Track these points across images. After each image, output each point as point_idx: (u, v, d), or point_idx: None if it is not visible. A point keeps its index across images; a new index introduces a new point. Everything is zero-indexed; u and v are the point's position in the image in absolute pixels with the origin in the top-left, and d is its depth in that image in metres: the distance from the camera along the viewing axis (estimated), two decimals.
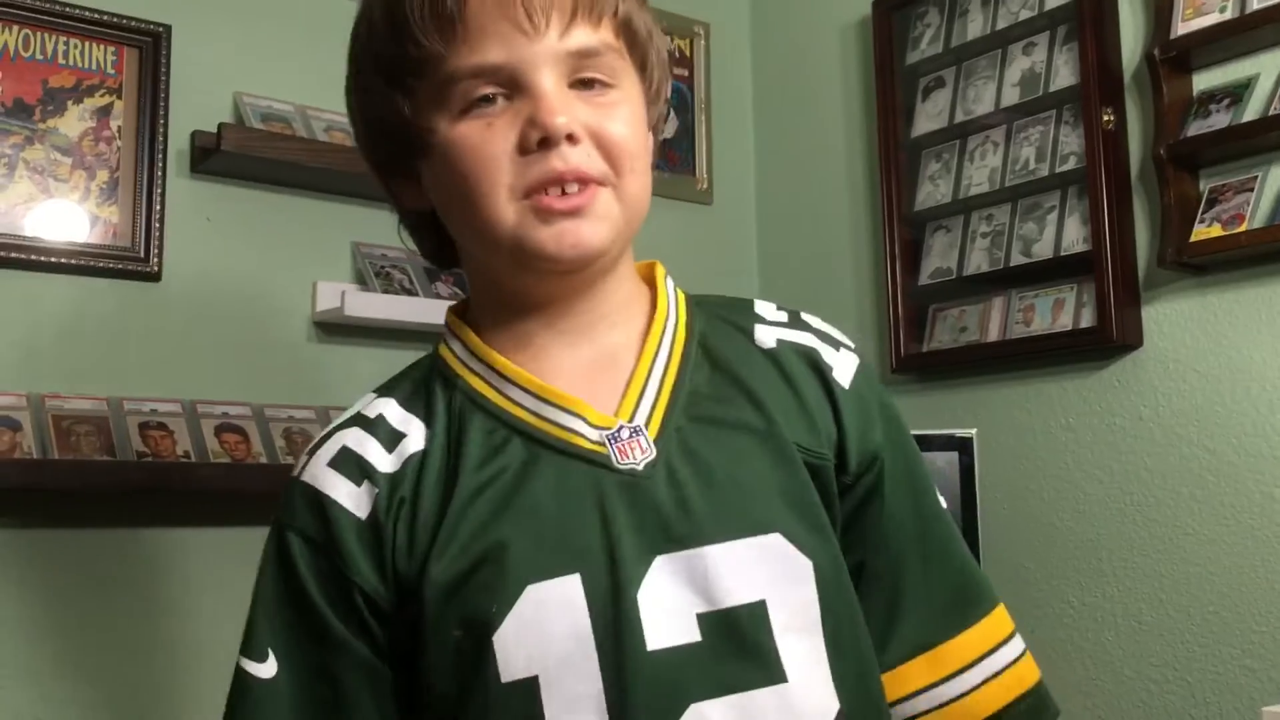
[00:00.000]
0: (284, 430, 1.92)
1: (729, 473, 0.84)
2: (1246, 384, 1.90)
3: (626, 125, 0.85)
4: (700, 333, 0.92)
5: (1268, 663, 1.82)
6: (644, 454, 0.84)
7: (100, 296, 1.85)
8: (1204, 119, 1.94)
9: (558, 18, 0.82)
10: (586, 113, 0.82)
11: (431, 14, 0.81)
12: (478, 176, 0.82)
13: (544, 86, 0.81)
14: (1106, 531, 2.06)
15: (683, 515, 0.82)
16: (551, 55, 0.82)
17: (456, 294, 2.12)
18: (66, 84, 1.87)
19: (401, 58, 0.84)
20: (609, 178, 0.83)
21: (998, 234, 2.24)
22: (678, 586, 0.80)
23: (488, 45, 0.81)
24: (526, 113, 0.81)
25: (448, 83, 0.82)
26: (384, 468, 0.85)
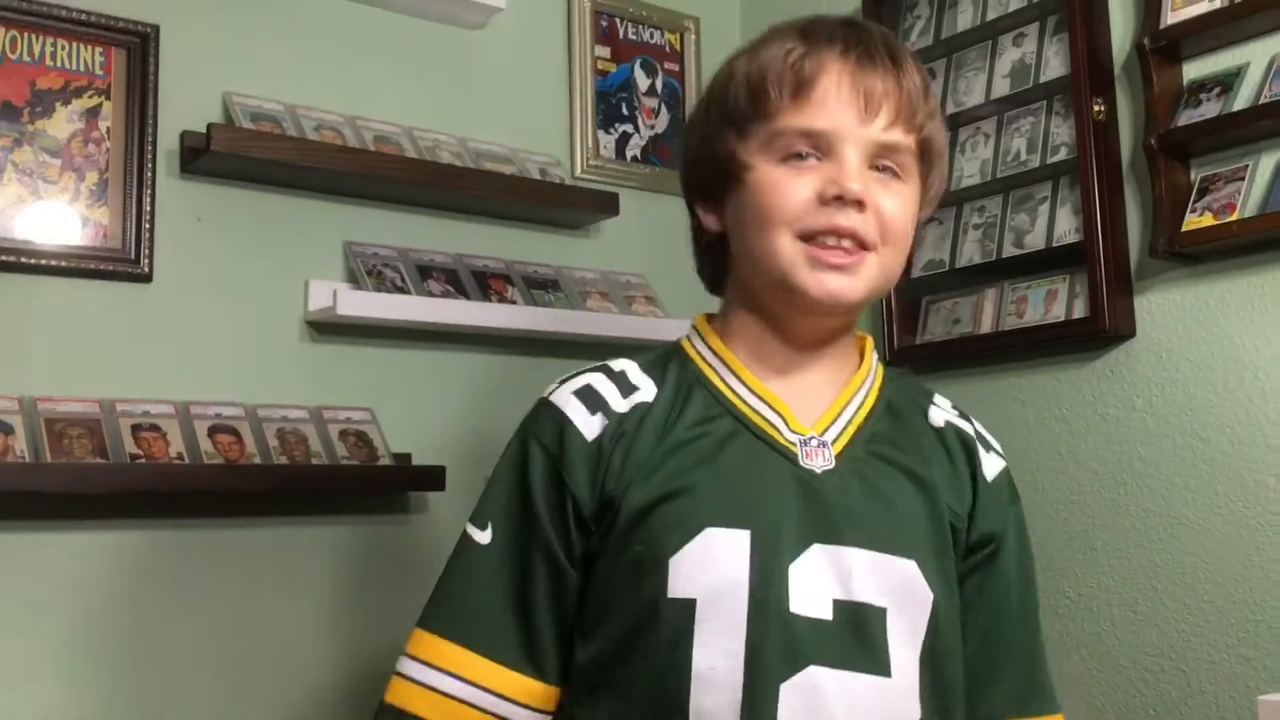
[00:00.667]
0: (278, 430, 1.92)
1: (890, 500, 1.03)
2: (1239, 373, 1.91)
3: (902, 209, 1.04)
4: (889, 395, 1.12)
5: (1264, 651, 1.82)
6: (825, 462, 1.03)
7: (91, 298, 1.84)
8: (1194, 108, 1.94)
9: (885, 114, 1.02)
10: (875, 190, 1.01)
11: (790, 78, 1.02)
12: (776, 208, 1.01)
13: (851, 157, 1.01)
14: (1101, 522, 2.06)
15: (843, 518, 1.00)
16: (866, 139, 1.02)
17: (448, 291, 2.11)
18: (54, 85, 1.86)
19: (750, 106, 1.04)
20: (877, 246, 1.02)
21: (989, 225, 2.24)
22: (824, 572, 0.98)
23: (823, 115, 1.01)
24: (831, 173, 1.00)
25: (779, 134, 1.02)
26: (616, 407, 1.05)
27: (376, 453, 1.99)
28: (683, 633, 0.96)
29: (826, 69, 1.01)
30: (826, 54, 1.02)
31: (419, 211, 2.19)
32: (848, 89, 1.01)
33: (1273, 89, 1.86)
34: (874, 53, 1.02)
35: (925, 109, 1.05)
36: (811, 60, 1.01)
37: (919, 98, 1.04)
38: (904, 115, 1.02)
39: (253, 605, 1.91)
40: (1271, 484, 1.86)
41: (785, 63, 1.02)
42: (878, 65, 1.02)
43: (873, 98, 1.01)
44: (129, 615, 1.80)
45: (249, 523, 1.92)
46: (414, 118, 2.20)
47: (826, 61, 1.01)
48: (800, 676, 0.94)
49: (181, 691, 1.82)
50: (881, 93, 1.01)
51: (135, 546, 1.82)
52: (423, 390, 2.14)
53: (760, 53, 1.05)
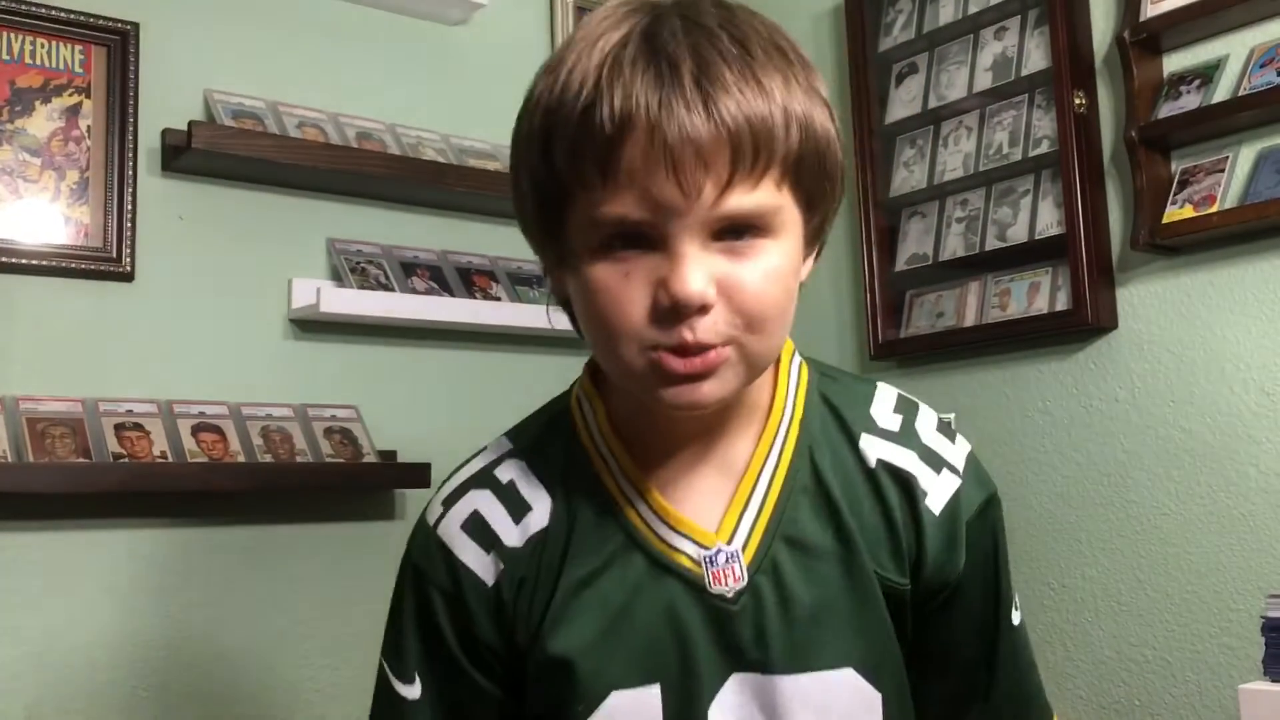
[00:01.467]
0: (262, 428, 1.92)
1: (811, 607, 0.87)
2: (1220, 364, 1.92)
3: (768, 283, 0.81)
4: (811, 438, 0.92)
5: (1245, 641, 1.83)
6: (736, 582, 0.87)
7: (73, 297, 1.84)
8: (1175, 100, 1.95)
9: (712, 182, 0.77)
10: (726, 268, 0.79)
11: (586, 151, 0.78)
12: (611, 324, 0.81)
13: (683, 251, 0.78)
14: (1084, 513, 2.07)
15: (762, 645, 0.86)
16: (699, 221, 0.78)
17: (433, 288, 2.11)
18: (34, 84, 1.85)
19: (553, 185, 0.82)
20: (736, 339, 0.81)
21: (972, 219, 2.25)
22: (749, 706, 0.86)
23: (634, 201, 0.78)
24: (663, 272, 0.79)
25: (591, 221, 0.80)
26: (510, 541, 0.90)
27: (361, 450, 1.99)
28: None
29: (627, 133, 0.76)
30: (623, 105, 0.77)
31: (402, 208, 2.19)
32: (657, 158, 0.76)
33: (1252, 81, 1.87)
34: (676, 96, 0.76)
35: (779, 125, 0.79)
36: (606, 116, 0.77)
37: (763, 123, 0.78)
38: (743, 166, 0.77)
39: (237, 603, 1.90)
40: (1253, 474, 1.87)
41: (577, 120, 0.78)
42: (687, 113, 0.76)
43: (684, 167, 0.76)
44: (112, 614, 1.79)
45: (233, 521, 1.92)
46: (397, 114, 2.20)
47: (625, 118, 0.76)
48: None
49: (163, 690, 1.82)
50: (694, 154, 0.76)
51: (118, 546, 1.81)
52: (408, 387, 2.14)
53: (554, 88, 0.81)
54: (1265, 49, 1.88)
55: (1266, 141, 1.88)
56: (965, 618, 0.93)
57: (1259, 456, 1.86)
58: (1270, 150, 1.87)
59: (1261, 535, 1.85)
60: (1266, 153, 1.87)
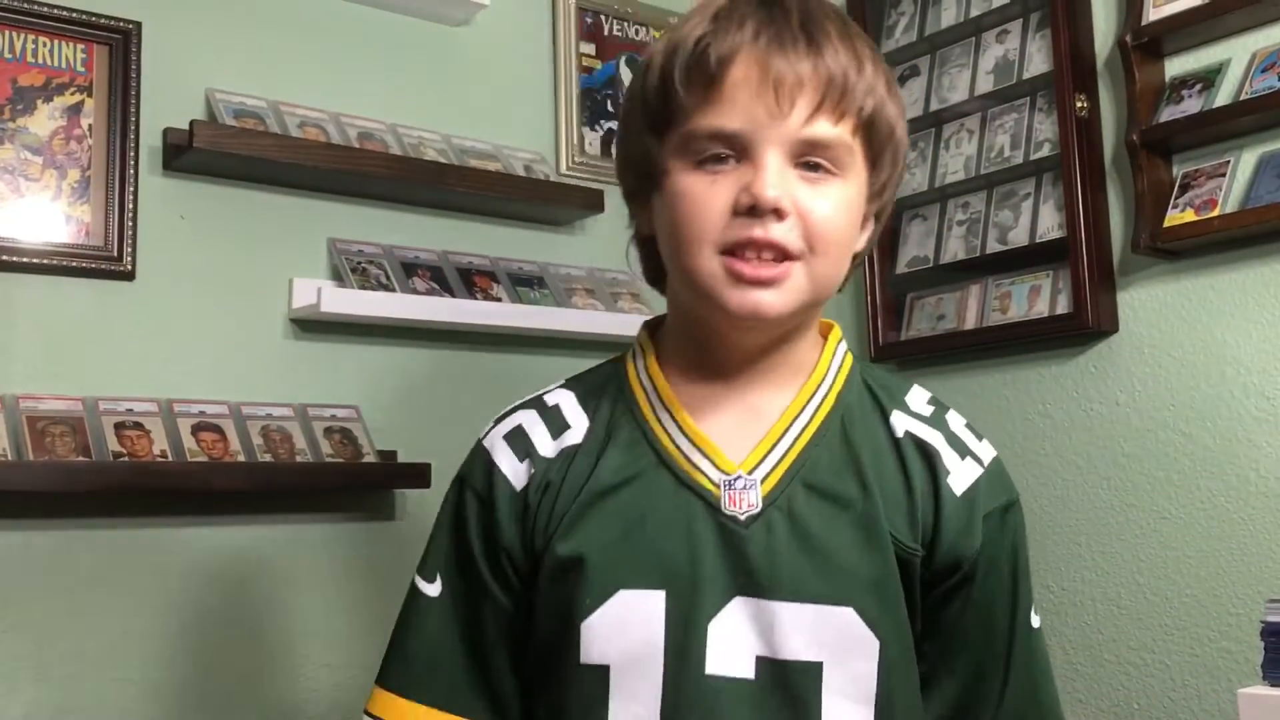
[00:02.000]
0: (262, 428, 1.92)
1: (822, 543, 0.92)
2: (1221, 368, 1.92)
3: (834, 212, 0.91)
4: (846, 406, 0.99)
5: (1245, 644, 1.83)
6: (750, 507, 0.93)
7: (74, 296, 1.84)
8: (1176, 104, 1.95)
9: (803, 105, 0.89)
10: (802, 192, 0.90)
11: (695, 75, 0.91)
12: (691, 224, 0.91)
13: (767, 161, 0.89)
14: (1084, 517, 2.07)
15: (767, 569, 0.91)
16: (785, 137, 0.89)
17: (433, 289, 2.11)
18: (36, 82, 1.85)
19: (661, 107, 0.93)
20: (804, 254, 0.90)
21: (974, 222, 2.25)
22: (746, 628, 0.90)
23: (733, 113, 0.89)
24: (748, 179, 0.89)
25: (690, 137, 0.91)
26: (544, 451, 0.99)
27: (361, 450, 1.99)
28: (598, 699, 0.91)
29: (735, 58, 0.89)
30: (734, 39, 0.90)
31: (403, 209, 2.19)
32: (757, 80, 0.88)
33: (1254, 85, 1.87)
34: (786, 34, 0.89)
35: (862, 86, 0.91)
36: (717, 48, 0.89)
37: (851, 77, 0.90)
38: (830, 102, 0.89)
39: (237, 602, 1.90)
40: (1252, 478, 1.87)
41: (692, 53, 0.91)
42: (790, 48, 0.89)
43: (784, 87, 0.88)
44: (111, 613, 1.79)
45: (233, 521, 1.92)
46: (398, 114, 2.20)
47: (734, 49, 0.89)
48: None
49: (164, 690, 1.82)
50: (794, 81, 0.88)
51: (118, 545, 1.81)
52: (408, 388, 2.14)
53: (673, 37, 0.94)
54: (1267, 53, 1.88)
55: (1268, 146, 1.88)
56: (980, 610, 0.96)
57: (1259, 461, 1.86)
58: (1272, 154, 1.87)
59: (1261, 539, 1.85)
60: (1268, 157, 1.87)
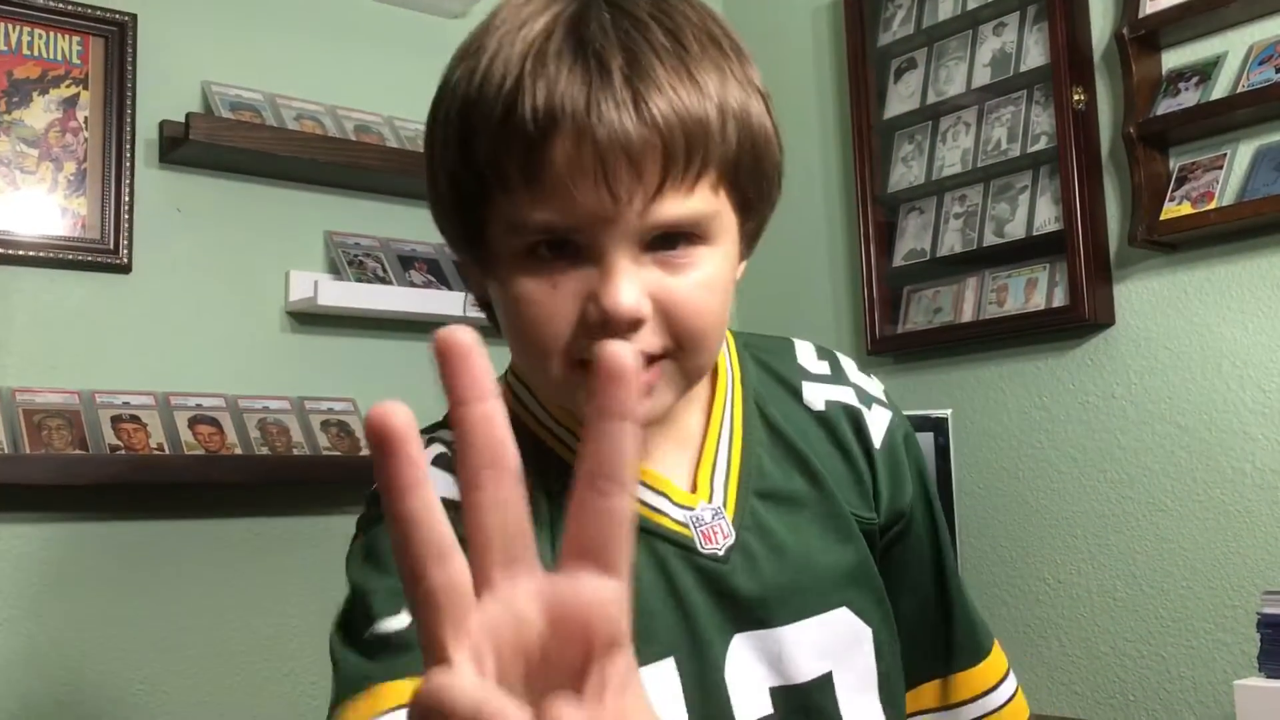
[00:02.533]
0: (259, 421, 1.92)
1: (799, 552, 0.86)
2: (1217, 361, 1.92)
3: (705, 296, 0.76)
4: (755, 393, 0.90)
5: (1240, 636, 1.84)
6: (725, 538, 0.84)
7: (70, 289, 1.83)
8: (1173, 97, 1.95)
9: (643, 192, 0.71)
10: (660, 281, 0.74)
11: (511, 148, 0.72)
12: (535, 337, 0.76)
13: (614, 263, 0.73)
14: (1081, 509, 2.07)
15: (760, 600, 0.84)
16: (630, 230, 0.72)
17: (430, 282, 2.11)
18: (32, 75, 1.85)
19: (471, 182, 0.76)
20: (673, 352, 0.76)
21: (970, 215, 2.25)
22: (755, 663, 0.84)
23: (563, 205, 0.72)
24: (593, 285, 0.73)
25: (515, 225, 0.74)
26: None
27: (358, 443, 1.99)
28: None
29: (554, 132, 0.71)
30: (549, 101, 0.71)
31: (400, 201, 2.19)
32: (586, 161, 0.70)
33: (1250, 78, 1.87)
34: (607, 92, 0.71)
35: (715, 124, 0.73)
36: (531, 115, 0.71)
37: (706, 119, 0.72)
38: (676, 169, 0.72)
39: (234, 597, 1.90)
40: (1248, 470, 1.87)
41: (499, 116, 0.72)
42: (616, 110, 0.70)
43: (616, 170, 0.70)
44: (108, 607, 1.79)
45: (230, 514, 1.92)
46: (395, 107, 2.19)
47: (551, 119, 0.71)
48: None
49: (158, 684, 1.82)
50: (626, 158, 0.70)
51: (115, 538, 1.81)
52: (405, 381, 2.13)
53: (474, 78, 0.74)
54: (1264, 46, 1.88)
55: (1264, 139, 1.88)
56: (920, 548, 0.94)
57: (1255, 453, 1.86)
58: (1268, 147, 1.87)
59: (1257, 531, 1.85)
60: (1264, 150, 1.87)
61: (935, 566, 0.96)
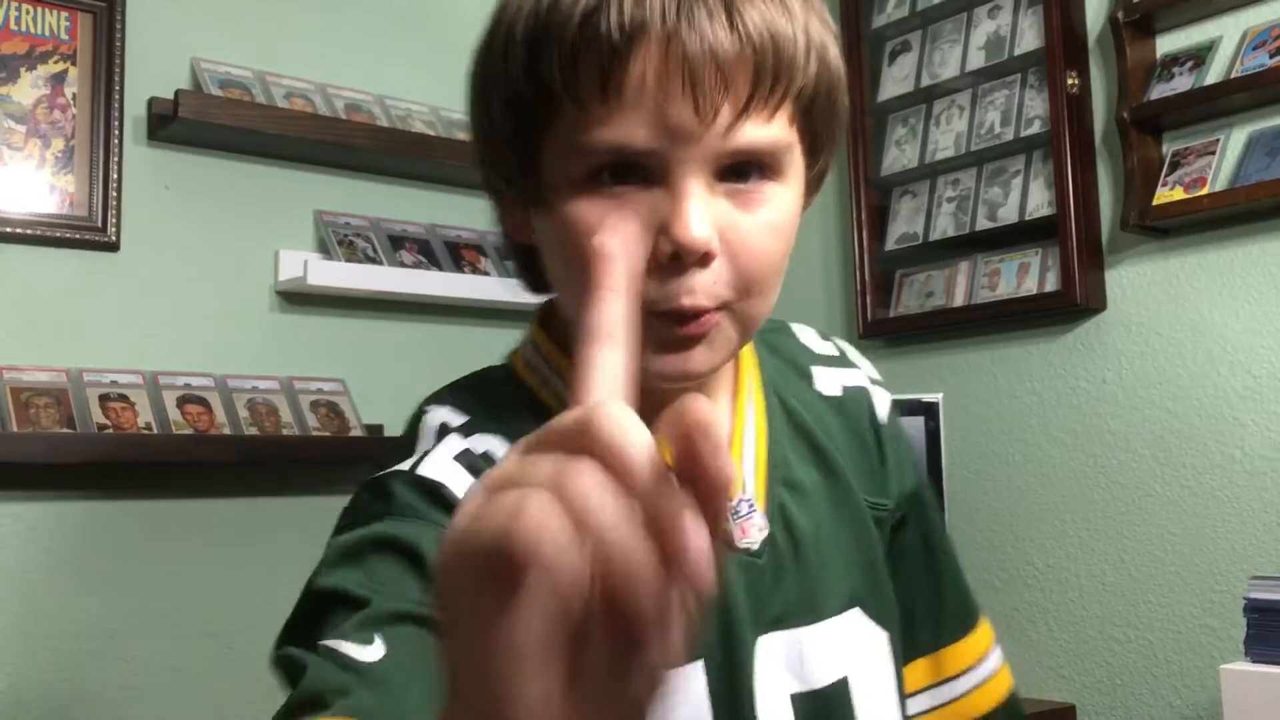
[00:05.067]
0: (247, 401, 1.91)
1: (816, 547, 0.82)
2: (1208, 347, 1.92)
3: (772, 239, 0.72)
4: (773, 381, 0.87)
5: (1227, 621, 1.84)
6: (760, 532, 0.80)
7: (57, 267, 1.82)
8: (1167, 82, 1.95)
9: (729, 110, 0.67)
10: (730, 216, 0.70)
11: (585, 64, 0.67)
12: None
13: (688, 189, 0.68)
14: (1070, 494, 2.07)
15: (782, 596, 0.80)
16: (713, 150, 0.68)
17: (420, 262, 2.10)
18: (19, 50, 1.83)
19: (534, 96, 0.70)
20: (731, 303, 0.72)
21: (963, 199, 2.24)
22: (778, 668, 0.79)
23: (640, 124, 0.67)
24: (663, 214, 0.68)
25: (579, 147, 0.68)
26: None
27: (348, 424, 1.98)
28: None
29: (636, 43, 0.66)
30: (637, 10, 0.66)
31: (391, 181, 2.17)
32: (669, 75, 0.66)
33: (1244, 63, 1.86)
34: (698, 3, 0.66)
35: (805, 46, 0.69)
36: (616, 24, 0.66)
37: (794, 41, 0.69)
38: (766, 86, 0.68)
39: (222, 576, 1.90)
40: (1238, 456, 1.87)
41: (577, 26, 0.67)
42: (713, 15, 0.66)
43: (703, 84, 0.66)
44: (95, 585, 1.79)
45: (218, 493, 1.92)
46: (386, 86, 2.18)
47: (638, 21, 0.66)
48: None
49: (147, 663, 1.81)
50: (731, 62, 0.67)
51: (103, 517, 1.80)
52: (395, 361, 2.13)
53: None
54: (1258, 31, 1.87)
55: (1258, 124, 1.88)
56: (916, 527, 0.92)
57: (1244, 439, 1.87)
58: (1261, 133, 1.87)
59: (1245, 517, 1.86)
60: (1258, 135, 1.87)
61: (931, 542, 0.93)
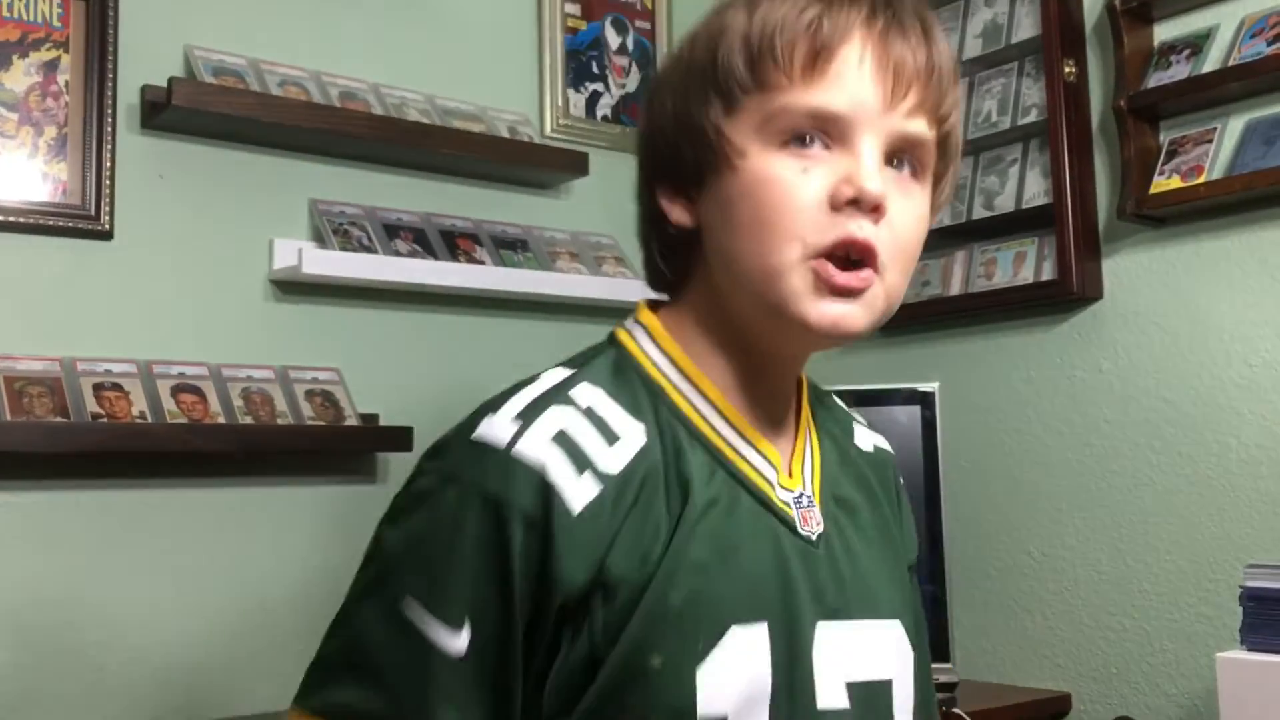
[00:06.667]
0: (242, 390, 1.90)
1: (866, 558, 0.90)
2: (1204, 336, 1.92)
3: (917, 221, 0.85)
4: (823, 423, 0.96)
5: (1223, 610, 1.84)
6: (818, 526, 0.87)
7: (51, 255, 1.81)
8: (1164, 70, 1.94)
9: (913, 98, 0.82)
10: (892, 194, 0.82)
11: (805, 43, 0.81)
12: (780, 215, 0.80)
13: (868, 149, 0.81)
14: (1066, 483, 2.07)
15: (839, 589, 0.86)
16: (888, 128, 0.82)
17: (416, 251, 2.09)
18: (11, 38, 1.82)
19: (749, 72, 0.82)
20: (885, 271, 0.82)
21: (960, 187, 2.24)
22: (835, 654, 0.84)
23: (841, 93, 0.81)
24: (844, 169, 0.80)
25: (782, 112, 0.81)
26: (607, 466, 0.81)
27: (343, 413, 1.98)
28: None
29: (849, 35, 0.81)
30: (850, 16, 0.82)
31: (386, 170, 2.17)
32: (873, 63, 0.81)
33: (1242, 51, 1.86)
34: (906, 19, 0.83)
35: (953, 96, 0.86)
36: (832, 23, 0.81)
37: (949, 81, 0.85)
38: (932, 101, 0.83)
39: (217, 566, 1.90)
40: (1234, 445, 1.87)
41: (799, 23, 0.81)
42: (910, 35, 0.83)
43: (902, 76, 0.81)
44: (89, 575, 1.78)
45: (213, 483, 1.91)
46: (381, 74, 2.17)
47: (850, 26, 0.81)
48: None
49: (143, 652, 1.81)
50: (912, 71, 0.82)
51: (97, 506, 1.80)
52: (390, 351, 2.13)
53: (763, 6, 0.83)
54: (1256, 19, 1.87)
55: (1255, 112, 1.88)
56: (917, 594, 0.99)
57: (1240, 428, 1.87)
58: (1258, 121, 1.86)
59: (1241, 506, 1.86)
60: (1255, 123, 1.87)
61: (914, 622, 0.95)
